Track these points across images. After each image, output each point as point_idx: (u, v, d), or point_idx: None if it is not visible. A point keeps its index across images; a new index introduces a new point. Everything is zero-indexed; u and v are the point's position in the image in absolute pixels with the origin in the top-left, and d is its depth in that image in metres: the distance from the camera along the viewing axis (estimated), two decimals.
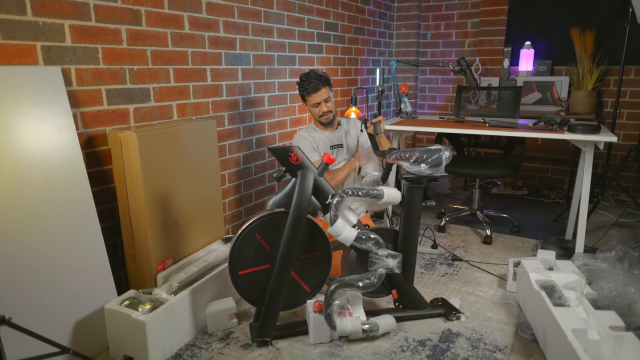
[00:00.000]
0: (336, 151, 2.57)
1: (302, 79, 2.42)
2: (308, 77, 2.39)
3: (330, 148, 2.54)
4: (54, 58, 1.79)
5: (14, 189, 1.60)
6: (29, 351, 1.45)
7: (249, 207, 2.95)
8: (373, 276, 1.84)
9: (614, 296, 1.91)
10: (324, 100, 2.43)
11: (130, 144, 1.87)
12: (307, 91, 2.40)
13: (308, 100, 2.45)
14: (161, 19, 2.19)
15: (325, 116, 2.47)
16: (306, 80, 2.39)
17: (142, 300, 1.84)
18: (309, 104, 2.46)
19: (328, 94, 2.44)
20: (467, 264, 2.65)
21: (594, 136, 2.42)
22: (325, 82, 2.41)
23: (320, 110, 2.45)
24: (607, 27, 3.65)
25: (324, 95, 2.41)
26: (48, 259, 1.67)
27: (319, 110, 2.45)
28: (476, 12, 4.27)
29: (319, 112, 2.46)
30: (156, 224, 1.99)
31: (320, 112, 2.46)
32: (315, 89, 2.38)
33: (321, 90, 2.39)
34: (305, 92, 2.42)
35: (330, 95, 2.46)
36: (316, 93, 2.39)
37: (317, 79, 2.38)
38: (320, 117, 2.48)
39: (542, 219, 3.41)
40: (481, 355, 1.80)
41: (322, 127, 2.54)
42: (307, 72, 2.42)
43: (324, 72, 2.44)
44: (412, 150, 1.98)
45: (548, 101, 3.88)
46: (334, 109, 2.51)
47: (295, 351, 1.83)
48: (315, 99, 2.42)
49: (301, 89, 2.43)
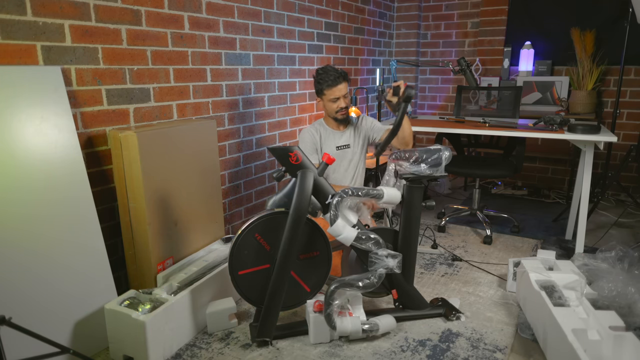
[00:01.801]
0: (342, 152, 2.52)
1: (319, 72, 2.36)
2: (326, 71, 2.34)
3: (336, 149, 2.50)
4: (54, 58, 1.79)
5: (14, 189, 1.60)
6: (29, 351, 1.45)
7: (249, 207, 2.95)
8: (373, 276, 1.84)
9: (613, 296, 1.91)
10: (343, 96, 2.37)
11: (130, 144, 1.87)
12: (327, 84, 2.34)
13: (327, 94, 2.37)
14: (161, 19, 2.19)
15: (342, 112, 2.41)
16: (324, 74, 2.34)
17: (142, 300, 1.83)
18: (327, 98, 2.39)
19: (347, 90, 2.38)
20: (467, 264, 2.65)
21: (594, 136, 2.42)
22: (344, 77, 2.36)
23: (338, 106, 2.39)
24: (607, 27, 3.64)
25: (343, 90, 2.36)
26: (48, 259, 1.67)
27: (337, 106, 2.39)
28: (476, 12, 4.27)
29: (337, 107, 2.39)
30: (156, 224, 1.99)
31: (338, 108, 2.39)
32: (335, 82, 2.33)
33: (341, 84, 2.34)
34: (325, 84, 2.34)
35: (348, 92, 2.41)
36: (336, 87, 2.34)
37: (337, 73, 2.33)
38: (337, 113, 2.41)
39: (542, 219, 3.41)
40: (481, 355, 1.80)
41: (335, 124, 2.49)
42: (324, 66, 2.37)
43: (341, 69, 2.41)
44: (412, 150, 1.98)
45: (548, 101, 3.88)
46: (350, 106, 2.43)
47: (295, 351, 1.83)
48: (335, 93, 2.36)
49: (319, 82, 2.36)
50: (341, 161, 2.52)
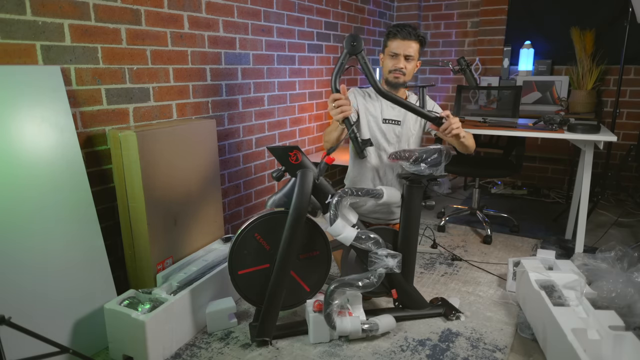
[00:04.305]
0: (390, 128, 2.15)
1: (396, 23, 2.09)
2: (402, 24, 2.05)
3: (383, 122, 2.13)
4: (54, 58, 1.79)
5: (14, 189, 1.60)
6: (28, 351, 1.44)
7: (248, 207, 2.95)
8: (373, 276, 1.84)
9: (613, 296, 1.91)
10: (405, 56, 2.03)
11: (130, 143, 1.87)
12: (393, 34, 2.03)
13: (389, 45, 2.06)
14: (161, 18, 2.19)
15: (396, 73, 2.06)
16: (398, 26, 2.04)
17: (141, 299, 1.83)
18: (387, 51, 2.07)
19: (414, 52, 2.05)
20: (466, 263, 2.65)
21: (593, 136, 2.42)
22: (418, 38, 2.04)
23: (394, 65, 2.05)
24: (607, 27, 3.64)
25: (409, 49, 2.03)
26: (48, 259, 1.67)
27: (393, 65, 2.05)
28: (476, 12, 4.27)
29: (393, 66, 2.05)
30: (156, 223, 1.99)
31: (393, 67, 2.05)
32: (404, 36, 2.01)
33: (409, 41, 2.02)
34: (391, 35, 2.04)
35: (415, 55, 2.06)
36: (403, 41, 2.02)
37: (412, 28, 2.03)
38: (390, 73, 2.08)
39: (542, 218, 3.41)
40: (481, 355, 1.80)
41: (386, 87, 2.08)
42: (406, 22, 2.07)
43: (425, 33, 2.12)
44: (412, 149, 1.98)
45: (548, 101, 3.88)
46: (409, 74, 2.09)
47: (295, 351, 1.83)
48: (398, 48, 2.03)
49: (387, 33, 2.07)
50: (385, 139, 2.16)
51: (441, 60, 4.32)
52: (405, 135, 2.19)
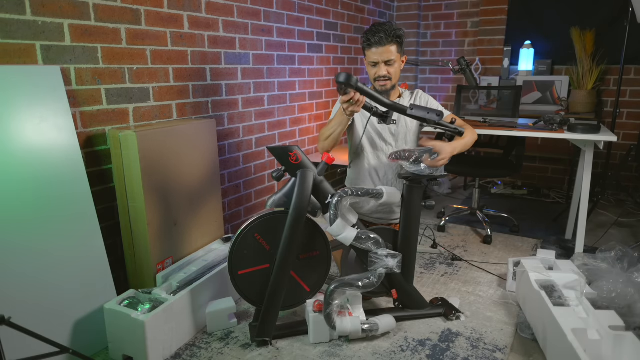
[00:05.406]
0: (385, 128, 2.13)
1: (369, 28, 2.00)
2: (375, 29, 1.97)
3: (378, 122, 2.07)
4: (54, 57, 1.79)
5: (14, 189, 1.60)
6: (28, 351, 1.44)
7: (248, 207, 2.95)
8: (373, 276, 1.84)
9: (613, 297, 1.91)
10: (384, 62, 1.99)
11: (130, 143, 1.87)
12: (368, 43, 1.99)
13: (367, 55, 2.03)
14: (161, 18, 2.19)
15: (380, 82, 2.04)
16: (370, 32, 1.98)
17: (141, 300, 1.83)
18: (367, 60, 2.05)
19: (393, 55, 1.99)
20: (467, 263, 2.64)
21: (593, 136, 2.42)
22: (394, 39, 1.96)
23: (376, 73, 2.01)
24: (607, 27, 3.64)
25: (386, 54, 1.97)
26: (47, 259, 1.67)
27: (375, 73, 2.02)
28: (476, 12, 4.26)
29: (375, 74, 2.02)
30: (156, 223, 1.99)
31: (375, 75, 2.02)
32: (378, 43, 1.95)
33: (385, 47, 1.96)
34: (366, 44, 2.00)
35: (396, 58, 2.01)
36: (377, 49, 1.97)
37: (385, 32, 1.94)
38: (375, 81, 2.06)
39: (542, 218, 3.41)
40: (481, 355, 1.80)
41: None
42: (379, 22, 1.99)
43: (399, 28, 2.00)
44: (412, 149, 1.97)
45: (548, 101, 3.88)
46: (396, 77, 2.05)
47: (295, 351, 1.83)
48: (373, 57, 1.99)
49: (362, 40, 2.03)
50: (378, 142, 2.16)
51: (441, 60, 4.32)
52: (402, 133, 2.18)
